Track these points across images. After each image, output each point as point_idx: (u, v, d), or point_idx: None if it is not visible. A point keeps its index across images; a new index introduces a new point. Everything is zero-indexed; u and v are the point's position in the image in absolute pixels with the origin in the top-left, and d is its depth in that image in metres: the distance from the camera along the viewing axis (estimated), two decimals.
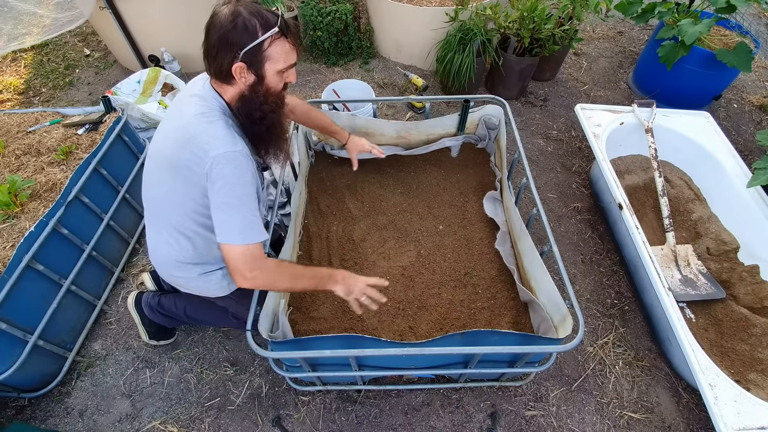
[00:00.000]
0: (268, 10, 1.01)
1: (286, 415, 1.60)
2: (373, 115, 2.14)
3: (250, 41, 0.98)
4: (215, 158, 0.99)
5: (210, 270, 1.29)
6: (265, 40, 0.99)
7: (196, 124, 1.02)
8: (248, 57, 1.00)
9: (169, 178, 1.09)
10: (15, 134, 1.88)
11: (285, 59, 1.04)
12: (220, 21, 0.98)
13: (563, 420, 1.60)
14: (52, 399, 1.63)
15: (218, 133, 1.01)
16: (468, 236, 1.85)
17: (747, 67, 2.24)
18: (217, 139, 1.01)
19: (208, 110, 1.05)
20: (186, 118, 1.05)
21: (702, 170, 2.15)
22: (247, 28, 0.97)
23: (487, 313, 1.60)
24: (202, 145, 1.00)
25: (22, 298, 1.47)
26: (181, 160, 1.04)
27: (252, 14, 0.98)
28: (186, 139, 1.03)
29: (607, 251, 2.12)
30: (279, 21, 1.00)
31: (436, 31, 2.82)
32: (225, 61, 1.00)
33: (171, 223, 1.18)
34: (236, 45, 0.98)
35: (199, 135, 1.01)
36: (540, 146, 2.63)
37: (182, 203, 1.12)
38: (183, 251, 1.22)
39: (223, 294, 1.37)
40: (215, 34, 0.99)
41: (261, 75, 1.04)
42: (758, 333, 1.67)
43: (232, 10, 0.98)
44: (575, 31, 2.71)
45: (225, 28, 0.97)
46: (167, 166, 1.09)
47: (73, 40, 3.49)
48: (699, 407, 1.64)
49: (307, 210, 1.93)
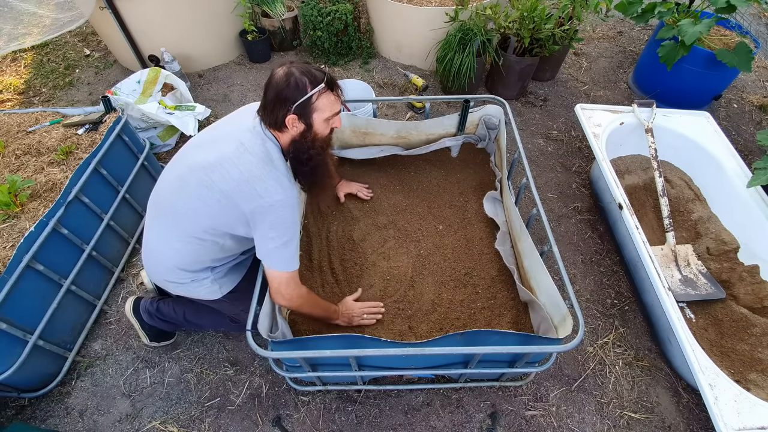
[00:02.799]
0: (317, 69, 1.16)
1: (286, 415, 1.60)
2: (373, 115, 2.14)
3: (300, 96, 1.13)
4: (275, 203, 1.14)
5: (203, 277, 1.36)
6: (314, 95, 1.14)
7: (260, 167, 1.15)
8: (299, 110, 1.14)
9: (220, 197, 1.17)
10: (15, 134, 1.88)
11: (330, 109, 1.19)
12: (276, 80, 1.13)
13: (563, 420, 1.60)
14: (52, 399, 1.63)
15: (280, 178, 1.16)
16: (468, 236, 1.85)
17: (747, 67, 2.24)
18: (279, 184, 1.15)
19: (270, 154, 1.18)
20: (246, 157, 1.16)
21: (702, 170, 2.15)
22: (298, 85, 1.12)
23: (487, 313, 1.60)
24: (264, 186, 1.14)
25: (22, 298, 1.47)
26: (240, 190, 1.15)
27: (303, 73, 1.13)
28: (249, 175, 1.14)
29: (607, 251, 2.12)
30: (325, 78, 1.15)
31: (436, 31, 2.82)
32: (280, 114, 1.14)
33: (189, 231, 1.25)
34: (289, 100, 1.13)
35: (262, 176, 1.14)
36: (540, 146, 2.63)
37: (215, 217, 1.21)
38: (186, 257, 1.29)
39: (215, 298, 1.41)
40: (272, 92, 1.14)
41: (310, 123, 1.18)
42: (758, 333, 1.67)
43: (286, 71, 1.13)
44: (575, 31, 2.71)
45: (280, 86, 1.12)
46: (213, 187, 1.17)
47: (73, 40, 3.49)
48: (699, 407, 1.64)
49: (307, 210, 1.93)
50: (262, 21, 3.16)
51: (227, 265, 1.42)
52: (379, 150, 2.04)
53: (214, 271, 1.38)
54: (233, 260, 1.44)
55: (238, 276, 1.48)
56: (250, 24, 3.04)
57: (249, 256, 1.52)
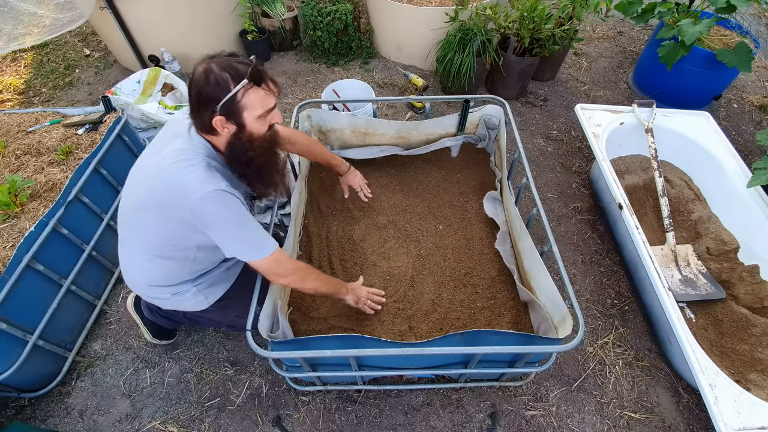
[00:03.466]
0: (240, 61, 1.03)
1: (286, 415, 1.60)
2: (373, 115, 2.14)
3: (223, 95, 1.01)
4: (200, 200, 1.03)
5: (183, 290, 1.32)
6: (238, 92, 1.02)
7: (176, 170, 1.06)
8: (225, 109, 1.03)
9: (154, 212, 1.13)
10: (15, 134, 1.88)
11: (262, 105, 1.07)
12: (195, 79, 1.02)
13: (563, 420, 1.60)
14: (52, 399, 1.63)
15: (198, 175, 1.05)
16: (468, 236, 1.85)
17: (747, 67, 2.24)
18: (198, 182, 1.04)
19: (191, 155, 1.08)
20: (165, 163, 1.08)
21: (702, 170, 2.15)
22: (219, 83, 1.00)
23: (487, 313, 1.60)
24: (184, 188, 1.05)
25: (22, 298, 1.47)
26: (165, 199, 1.08)
27: (223, 69, 1.01)
28: (167, 180, 1.07)
29: (607, 251, 2.12)
30: (249, 71, 1.02)
31: (436, 31, 2.82)
32: (206, 116, 1.04)
33: (152, 250, 1.21)
34: (212, 100, 1.01)
35: (179, 179, 1.05)
36: (540, 146, 2.63)
37: (162, 233, 1.16)
38: (155, 274, 1.26)
39: (202, 308, 1.38)
40: (193, 92, 1.03)
41: (241, 123, 1.07)
42: (758, 333, 1.67)
43: (205, 68, 1.01)
44: (575, 31, 2.71)
45: (200, 86, 1.01)
46: (150, 202, 1.12)
47: (73, 40, 3.49)
48: (699, 407, 1.64)
49: (307, 210, 1.93)
50: (262, 21, 3.16)
51: (210, 274, 1.36)
52: (379, 150, 2.04)
53: (195, 282, 1.33)
54: (216, 269, 1.38)
55: (226, 284, 1.42)
56: (250, 24, 3.04)
57: (237, 263, 1.46)
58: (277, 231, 2.02)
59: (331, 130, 2.00)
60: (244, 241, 1.14)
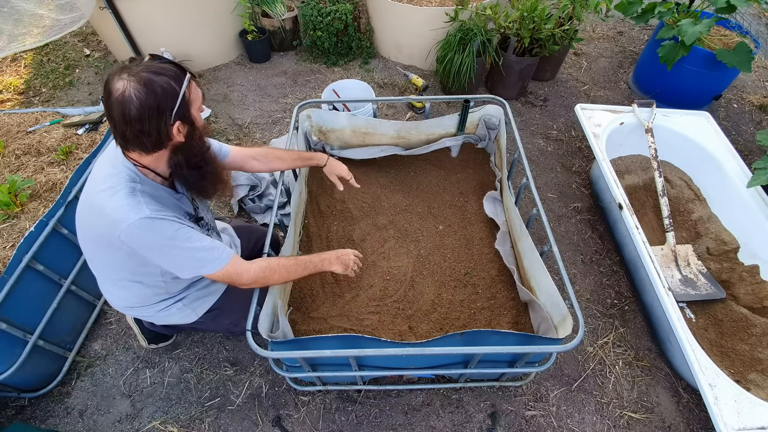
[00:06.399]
0: (166, 61, 0.97)
1: (286, 415, 1.60)
2: (373, 115, 2.14)
3: (174, 100, 0.94)
4: (126, 230, 0.98)
5: (166, 305, 1.29)
6: (186, 90, 0.97)
7: (100, 200, 1.01)
8: (180, 113, 0.97)
9: (96, 244, 1.11)
10: (15, 134, 1.88)
11: (198, 95, 1.04)
12: (131, 96, 0.90)
13: (563, 420, 1.60)
14: (52, 399, 1.63)
15: (121, 203, 0.99)
16: (468, 236, 1.85)
17: (747, 67, 2.24)
18: (121, 210, 0.98)
19: (114, 182, 1.01)
20: (92, 193, 1.04)
21: (702, 170, 2.15)
22: (166, 90, 0.93)
23: (487, 313, 1.60)
24: (110, 218, 0.99)
25: (22, 298, 1.47)
26: (99, 230, 1.04)
27: (158, 74, 0.92)
28: (96, 211, 1.03)
29: (607, 251, 2.12)
30: (181, 67, 0.98)
31: (436, 31, 2.82)
32: (162, 129, 0.95)
33: (113, 276, 1.19)
34: (164, 109, 0.93)
35: (103, 208, 1.00)
36: (540, 146, 2.63)
37: (114, 263, 1.13)
38: (131, 298, 1.25)
39: (191, 321, 1.36)
40: (133, 112, 0.90)
41: (191, 121, 1.02)
42: (758, 333, 1.67)
43: (140, 80, 0.90)
44: (575, 31, 2.71)
45: (145, 102, 0.90)
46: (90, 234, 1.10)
47: (73, 40, 3.49)
48: (699, 407, 1.64)
49: (307, 210, 1.93)
50: (262, 21, 3.16)
51: (192, 289, 1.32)
52: (379, 150, 2.04)
53: (178, 297, 1.29)
54: (198, 283, 1.33)
55: (213, 297, 1.38)
56: (250, 24, 3.04)
57: None
58: (277, 231, 2.02)
59: (331, 130, 2.00)
60: (186, 262, 1.08)
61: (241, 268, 1.15)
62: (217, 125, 2.72)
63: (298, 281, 1.69)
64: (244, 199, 2.17)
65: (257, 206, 2.15)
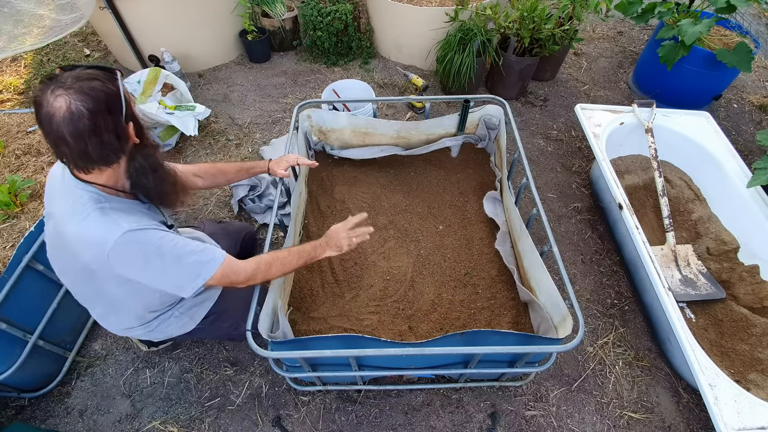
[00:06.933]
0: (87, 66, 0.91)
1: (286, 415, 1.60)
2: (373, 115, 2.14)
3: (119, 99, 0.90)
4: (113, 249, 0.94)
5: (164, 319, 1.28)
6: (124, 90, 0.93)
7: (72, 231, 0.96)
8: (128, 113, 0.94)
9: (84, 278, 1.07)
10: (15, 134, 1.88)
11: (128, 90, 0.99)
12: (79, 110, 0.84)
13: (563, 420, 1.60)
14: (52, 399, 1.63)
15: (96, 226, 0.94)
16: (468, 236, 1.85)
17: (747, 67, 2.24)
18: (100, 231, 0.94)
19: (80, 210, 0.96)
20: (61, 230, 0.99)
21: (702, 170, 2.15)
22: (108, 92, 0.89)
23: (487, 313, 1.60)
24: (91, 242, 0.95)
25: (22, 298, 1.47)
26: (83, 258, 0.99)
27: (92, 79, 0.87)
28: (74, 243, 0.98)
29: (607, 251, 2.12)
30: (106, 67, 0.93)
31: (436, 31, 2.82)
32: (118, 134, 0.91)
33: (105, 305, 1.19)
34: (113, 112, 0.89)
35: (81, 237, 0.95)
36: (540, 146, 2.63)
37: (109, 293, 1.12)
38: (127, 320, 1.24)
39: (190, 329, 1.35)
40: (87, 125, 0.84)
41: (136, 118, 0.98)
42: (758, 333, 1.67)
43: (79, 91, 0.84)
44: (575, 31, 2.71)
45: (91, 110, 0.85)
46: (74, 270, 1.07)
47: (73, 40, 3.49)
48: (699, 407, 1.64)
49: (307, 210, 1.93)
50: (262, 21, 3.16)
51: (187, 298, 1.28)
52: (379, 150, 2.04)
53: (172, 308, 1.28)
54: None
55: (209, 302, 1.37)
56: (250, 24, 3.04)
57: None
58: (277, 231, 2.02)
59: (331, 130, 2.00)
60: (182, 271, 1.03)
61: (237, 266, 1.12)
62: (217, 125, 2.72)
63: (298, 280, 1.70)
64: (244, 199, 2.17)
65: (257, 206, 2.15)
